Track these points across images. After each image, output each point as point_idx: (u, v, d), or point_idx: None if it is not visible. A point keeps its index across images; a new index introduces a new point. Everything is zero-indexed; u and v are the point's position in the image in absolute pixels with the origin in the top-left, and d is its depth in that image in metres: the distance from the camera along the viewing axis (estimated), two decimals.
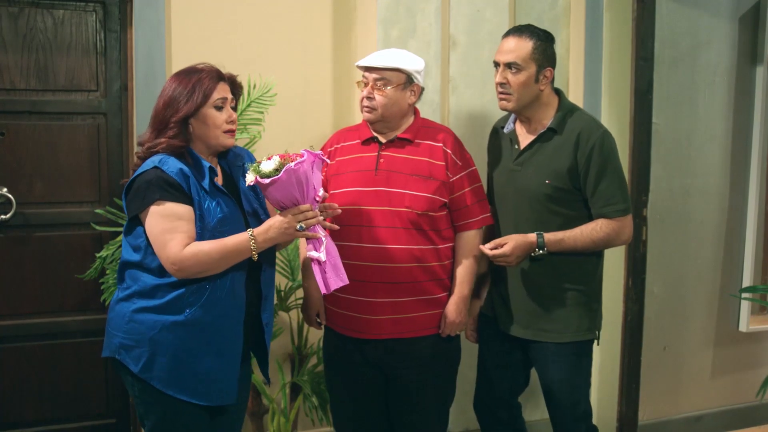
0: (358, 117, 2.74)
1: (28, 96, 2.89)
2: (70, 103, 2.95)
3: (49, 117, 2.92)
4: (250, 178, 2.06)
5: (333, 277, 2.16)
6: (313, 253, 2.14)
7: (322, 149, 2.58)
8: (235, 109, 2.16)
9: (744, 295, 3.53)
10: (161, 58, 2.92)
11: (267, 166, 2.03)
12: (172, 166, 2.01)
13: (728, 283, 3.62)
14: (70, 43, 2.92)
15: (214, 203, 2.05)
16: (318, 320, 2.60)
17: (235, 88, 2.17)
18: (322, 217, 2.14)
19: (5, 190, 2.88)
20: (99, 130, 2.98)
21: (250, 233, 2.05)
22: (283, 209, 2.10)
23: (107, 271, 2.77)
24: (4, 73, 2.86)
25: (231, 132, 2.13)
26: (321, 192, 2.13)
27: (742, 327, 3.63)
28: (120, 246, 2.72)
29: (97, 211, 2.87)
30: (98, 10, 2.94)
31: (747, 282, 3.59)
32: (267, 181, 2.02)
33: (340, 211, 2.22)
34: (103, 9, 2.94)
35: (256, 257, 2.07)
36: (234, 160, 2.22)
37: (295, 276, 2.96)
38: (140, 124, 2.93)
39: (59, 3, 2.89)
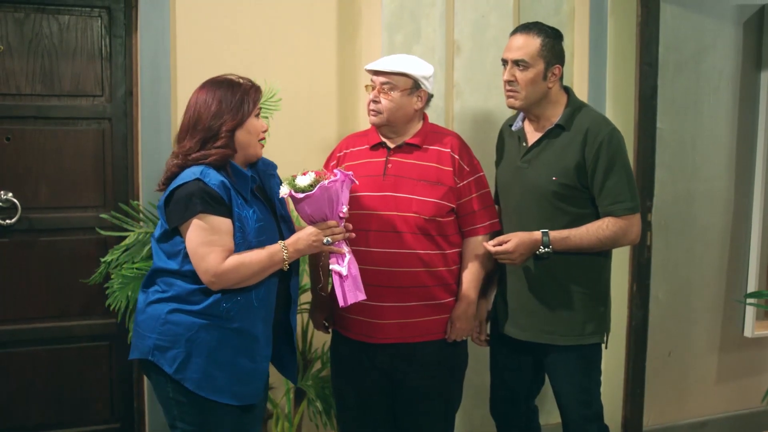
0: (362, 122, 2.74)
1: (34, 101, 2.90)
2: (76, 109, 2.95)
3: (54, 122, 2.92)
4: (284, 190, 2.14)
5: (352, 290, 2.22)
6: (336, 267, 2.21)
7: (331, 154, 2.60)
8: None
9: (749, 300, 3.52)
10: (166, 63, 2.92)
11: (302, 182, 2.12)
12: (214, 178, 2.06)
13: (733, 288, 3.61)
14: (75, 48, 2.92)
15: (251, 211, 2.12)
16: (326, 324, 2.60)
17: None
18: (348, 234, 2.21)
19: (10, 194, 2.88)
20: (104, 135, 2.99)
21: (282, 245, 2.13)
22: (311, 223, 2.17)
23: (112, 276, 2.76)
24: (10, 79, 2.86)
25: (263, 140, 2.21)
26: (345, 209, 2.19)
27: (747, 332, 3.62)
28: (125, 250, 2.74)
29: (102, 215, 2.87)
30: (103, 15, 2.94)
31: (752, 287, 3.59)
32: (301, 195, 2.11)
33: (354, 235, 2.26)
34: (108, 14, 2.95)
35: (287, 267, 2.14)
36: (265, 169, 2.28)
37: (300, 280, 2.95)
38: (145, 130, 2.94)
39: (65, 8, 2.89)
